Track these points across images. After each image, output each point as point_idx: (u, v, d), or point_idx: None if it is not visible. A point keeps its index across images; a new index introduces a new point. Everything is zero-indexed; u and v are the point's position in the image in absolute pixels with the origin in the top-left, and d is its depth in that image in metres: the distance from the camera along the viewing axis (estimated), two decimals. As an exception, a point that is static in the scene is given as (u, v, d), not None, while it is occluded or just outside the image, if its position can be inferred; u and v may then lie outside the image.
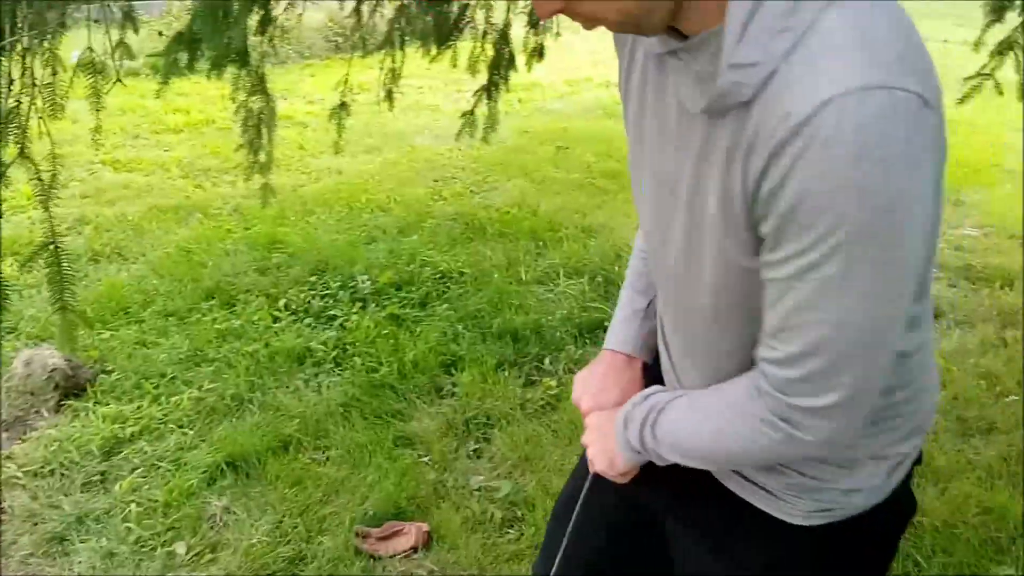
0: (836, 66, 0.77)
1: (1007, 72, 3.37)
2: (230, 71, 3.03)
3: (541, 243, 4.61)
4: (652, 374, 1.26)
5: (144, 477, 2.68)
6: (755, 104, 0.81)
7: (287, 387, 3.19)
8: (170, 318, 3.63)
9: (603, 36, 1.02)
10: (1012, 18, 3.03)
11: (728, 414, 0.99)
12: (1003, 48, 2.96)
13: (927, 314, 1.04)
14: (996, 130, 7.62)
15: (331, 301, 3.85)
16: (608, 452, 1.16)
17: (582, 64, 9.56)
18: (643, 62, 1.00)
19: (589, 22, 0.88)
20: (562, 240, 4.65)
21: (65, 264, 2.15)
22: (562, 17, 0.90)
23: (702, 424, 1.02)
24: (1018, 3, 2.91)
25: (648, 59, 0.98)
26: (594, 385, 1.26)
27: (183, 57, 2.90)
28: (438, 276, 4.13)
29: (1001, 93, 3.17)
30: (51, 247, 2.14)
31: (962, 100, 3.12)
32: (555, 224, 4.86)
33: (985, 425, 3.14)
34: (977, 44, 3.12)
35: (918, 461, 1.14)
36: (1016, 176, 6.29)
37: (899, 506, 1.13)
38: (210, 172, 5.55)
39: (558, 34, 4.67)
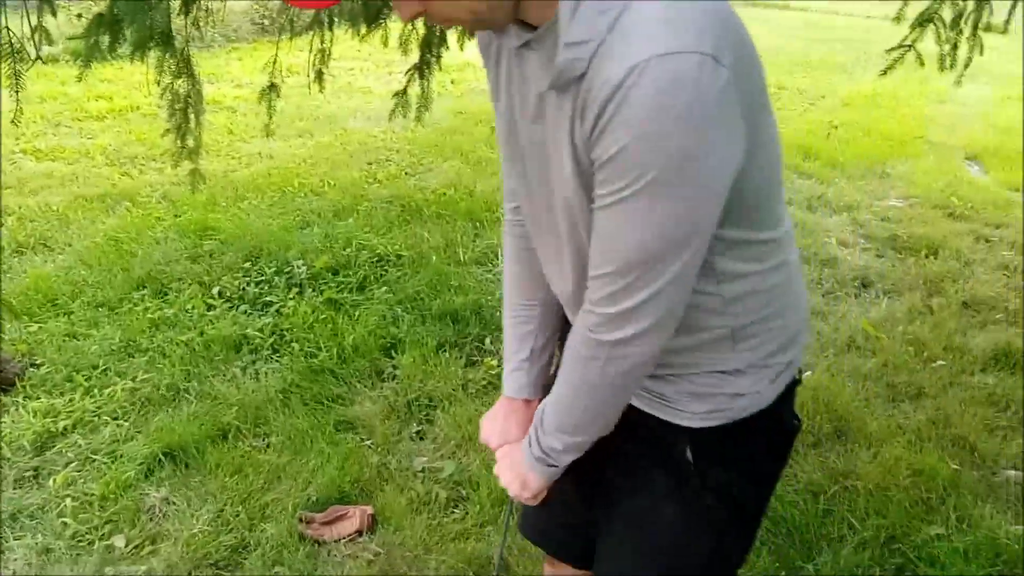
0: (643, 37, 0.92)
1: (928, 44, 3.46)
2: (154, 54, 2.96)
3: (479, 224, 4.60)
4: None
5: (79, 471, 2.61)
6: (586, 75, 0.97)
7: (224, 375, 3.14)
8: (100, 309, 3.54)
9: None
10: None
11: (574, 369, 1.15)
12: (923, 20, 3.03)
13: (781, 244, 1.18)
14: (919, 103, 7.84)
15: (266, 287, 3.80)
16: (519, 476, 1.30)
17: (514, 44, 9.54)
18: (506, 62, 1.15)
19: (446, 23, 1.05)
20: (499, 220, 4.65)
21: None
22: None
23: (564, 395, 1.20)
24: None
25: (510, 57, 1.14)
26: (499, 426, 1.41)
27: (104, 40, 2.82)
28: (375, 259, 4.10)
29: (922, 64, 3.25)
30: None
31: (884, 72, 3.19)
32: (492, 205, 4.86)
33: (914, 390, 3.23)
34: (898, 17, 3.19)
35: (797, 382, 1.29)
36: (939, 148, 6.48)
37: (782, 417, 1.29)
38: (136, 159, 5.41)
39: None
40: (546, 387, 1.37)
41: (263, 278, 3.87)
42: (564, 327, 1.39)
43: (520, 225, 1.38)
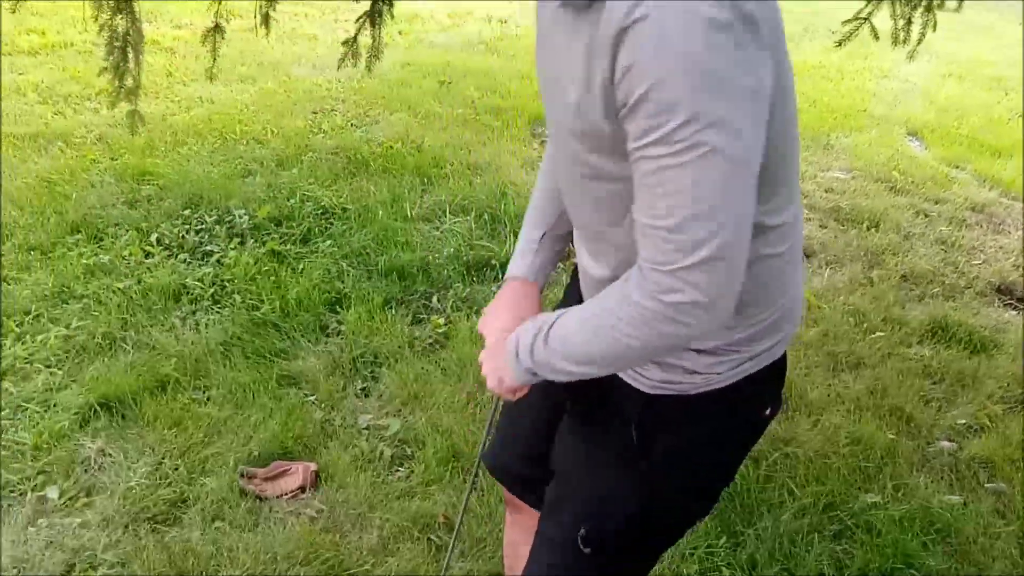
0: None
1: (881, 19, 3.48)
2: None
3: (426, 179, 4.53)
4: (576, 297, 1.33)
5: (10, 419, 2.52)
6: (606, 7, 0.93)
7: (163, 325, 3.05)
8: (32, 252, 3.41)
9: None
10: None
11: (614, 307, 1.05)
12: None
13: (784, 231, 1.15)
14: (863, 77, 7.92)
15: (207, 236, 3.70)
16: (498, 370, 1.25)
17: (463, -2, 9.39)
18: None
19: None
20: (447, 177, 4.59)
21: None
22: None
23: (589, 324, 1.09)
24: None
25: None
26: (493, 312, 1.38)
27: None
28: (320, 212, 4.01)
29: (877, 37, 3.27)
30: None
31: (839, 44, 3.21)
32: (440, 160, 4.79)
33: (854, 360, 3.29)
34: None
35: (773, 371, 1.26)
36: (882, 122, 6.57)
37: (738, 404, 1.24)
38: (71, 98, 5.19)
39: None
40: (547, 274, 1.42)
41: (203, 226, 3.76)
42: None
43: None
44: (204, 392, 2.74)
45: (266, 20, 3.69)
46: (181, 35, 6.76)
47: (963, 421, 2.99)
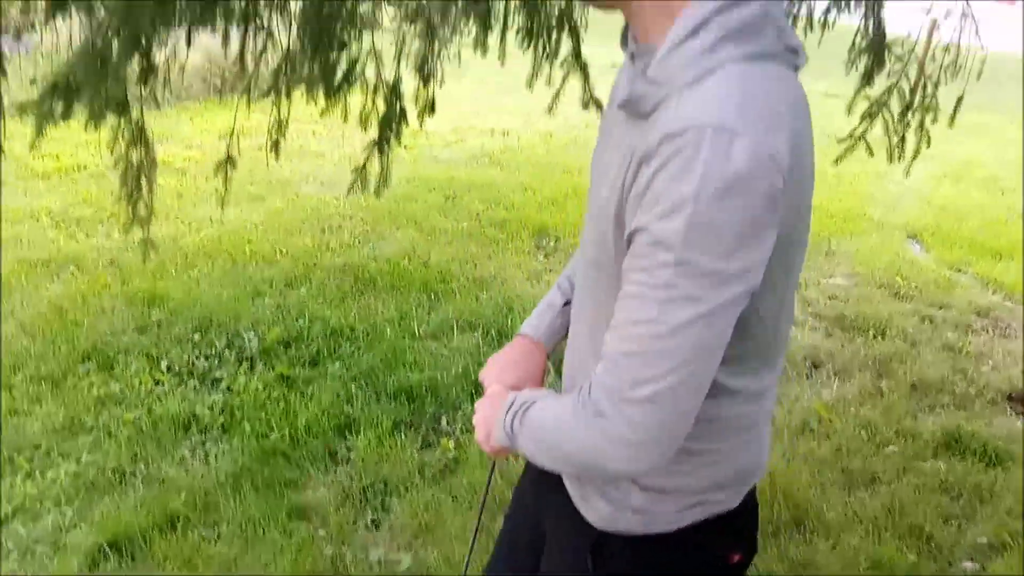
0: (712, 102, 0.90)
1: (877, 131, 3.56)
2: (108, 121, 2.91)
3: (433, 295, 4.58)
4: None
5: (20, 562, 2.49)
6: (652, 118, 0.95)
7: (172, 457, 3.04)
8: (43, 383, 3.42)
9: (484, 84, 1.11)
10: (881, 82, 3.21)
11: (569, 409, 1.05)
12: (872, 112, 3.13)
13: (749, 398, 1.13)
14: (860, 180, 8.04)
15: (216, 361, 3.72)
16: (489, 424, 1.23)
17: (465, 113, 9.62)
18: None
19: None
20: (454, 292, 4.63)
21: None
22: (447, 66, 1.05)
23: (552, 414, 1.10)
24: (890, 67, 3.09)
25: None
26: (500, 364, 1.39)
27: (58, 107, 2.77)
28: (328, 332, 4.04)
29: (871, 154, 3.34)
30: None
31: (836, 161, 3.28)
32: (446, 276, 4.84)
33: (869, 476, 3.26)
34: (849, 108, 3.29)
35: (745, 521, 1.25)
36: (881, 226, 6.65)
37: (693, 543, 1.20)
38: (83, 222, 5.29)
39: (443, 83, 4.66)
40: (557, 340, 1.42)
41: (213, 351, 3.79)
42: None
43: None
44: (214, 528, 2.71)
45: (276, 146, 3.78)
46: (192, 155, 6.92)
47: (984, 540, 2.94)
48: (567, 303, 1.42)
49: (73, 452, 3.01)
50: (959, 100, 3.36)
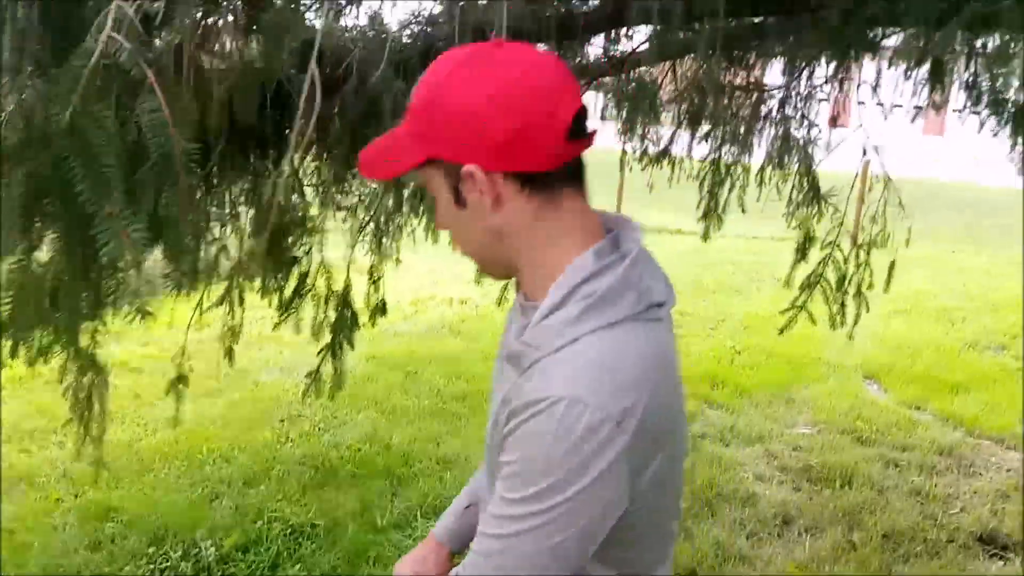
0: (570, 373, 1.04)
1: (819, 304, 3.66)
2: (57, 358, 2.91)
3: (395, 481, 4.52)
4: None
5: None
6: (526, 374, 1.09)
7: None
8: (-12, 618, 3.29)
9: (442, 255, 1.24)
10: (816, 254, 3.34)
11: None
12: (810, 283, 3.23)
13: None
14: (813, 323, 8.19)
15: (172, 575, 3.60)
16: None
17: (423, 283, 9.76)
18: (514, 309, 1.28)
19: (460, 251, 1.21)
20: (417, 476, 4.58)
21: None
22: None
23: None
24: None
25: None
26: (409, 562, 1.57)
27: (6, 346, 2.77)
28: (288, 532, 3.95)
29: (814, 322, 3.43)
30: None
31: (781, 331, 3.36)
32: (409, 458, 4.80)
33: (849, 644, 3.18)
34: (787, 281, 3.40)
35: None
36: (837, 369, 6.74)
37: None
38: (36, 433, 5.20)
39: (398, 260, 4.74)
40: (463, 543, 1.55)
41: (168, 564, 3.67)
42: None
43: None
44: None
45: (230, 353, 3.81)
46: (149, 352, 6.90)
47: None
48: (469, 506, 1.55)
49: None
50: (891, 267, 3.48)
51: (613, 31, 3.55)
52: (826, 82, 3.87)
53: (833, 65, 3.59)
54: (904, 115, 3.90)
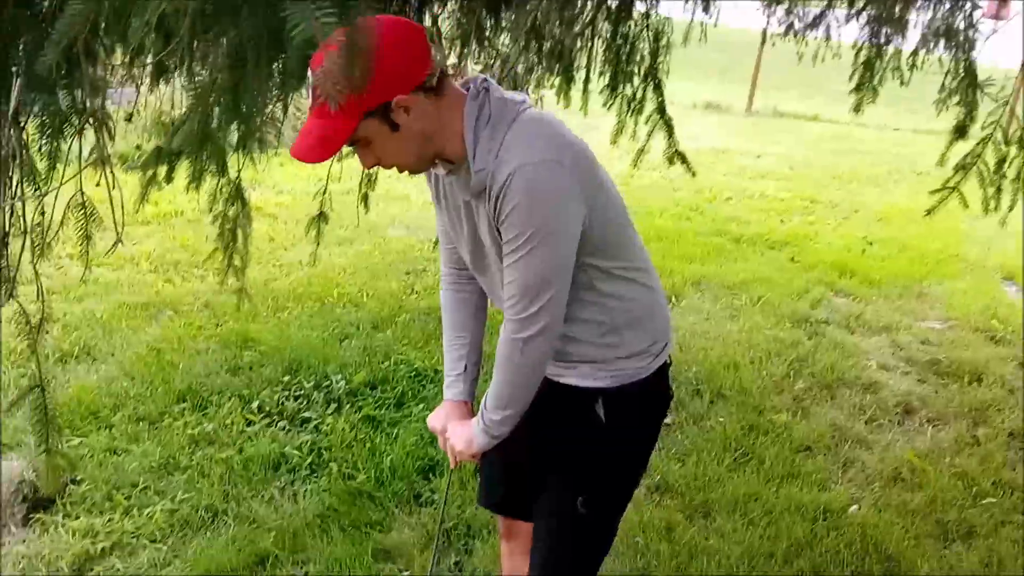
0: (514, 154, 1.55)
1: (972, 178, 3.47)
2: (208, 181, 3.03)
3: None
4: None
5: (116, 598, 2.59)
6: (489, 186, 1.57)
7: (262, 496, 3.12)
8: (141, 423, 3.56)
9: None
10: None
11: (501, 362, 1.70)
12: (967, 163, 3.06)
13: (639, 274, 1.80)
14: (953, 219, 7.82)
15: (305, 402, 3.81)
16: (466, 438, 1.82)
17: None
18: (440, 182, 1.79)
19: (394, 167, 1.65)
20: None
21: (51, 407, 2.11)
22: None
23: (497, 381, 1.73)
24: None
25: (440, 179, 1.78)
26: (441, 419, 1.95)
27: (162, 171, 2.90)
28: (413, 374, 4.10)
29: (966, 206, 3.27)
30: (37, 390, 2.11)
31: (929, 212, 3.22)
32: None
33: (964, 529, 3.15)
34: (941, 161, 3.23)
35: (668, 365, 1.90)
36: (975, 267, 6.46)
37: (660, 385, 1.88)
38: (180, 266, 5.50)
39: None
40: (473, 394, 1.96)
41: (302, 392, 3.88)
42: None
43: (454, 282, 1.98)
44: (302, 567, 2.77)
45: (365, 199, 3.91)
46: (283, 201, 7.15)
47: (1090, 598, 2.81)
48: (465, 367, 1.97)
49: (168, 490, 3.11)
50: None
51: None
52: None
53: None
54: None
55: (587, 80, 4.11)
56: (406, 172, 1.66)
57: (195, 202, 6.45)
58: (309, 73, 1.45)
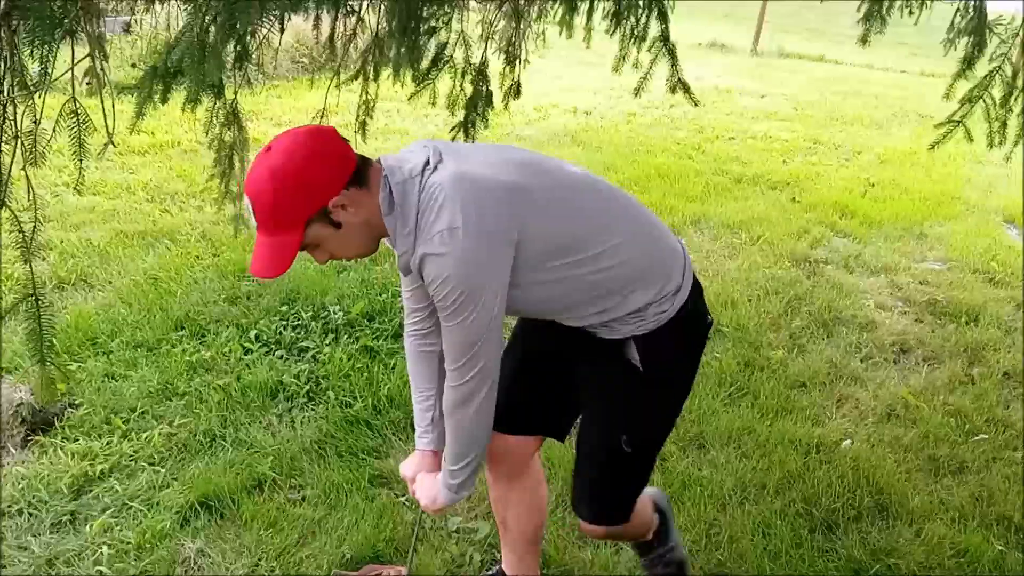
0: (422, 239, 1.60)
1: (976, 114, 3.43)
2: (204, 102, 2.99)
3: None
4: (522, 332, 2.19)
5: (115, 517, 2.61)
6: (414, 263, 1.64)
7: (260, 422, 3.14)
8: (139, 349, 3.56)
9: (567, 63, 1.31)
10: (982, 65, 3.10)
11: (447, 416, 1.80)
12: (972, 97, 3.02)
13: (619, 247, 1.75)
14: (955, 162, 7.79)
15: (303, 332, 3.81)
16: (431, 494, 1.94)
17: (550, 90, 9.61)
18: None
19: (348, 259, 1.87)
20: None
21: (45, 317, 2.10)
22: (530, 47, 2.38)
23: (449, 438, 1.83)
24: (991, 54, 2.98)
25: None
26: (414, 467, 2.07)
27: (158, 90, 2.85)
28: (411, 307, 4.10)
29: (971, 140, 3.24)
30: (31, 299, 2.10)
31: (933, 146, 3.19)
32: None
33: (956, 464, 3.18)
34: (947, 94, 3.18)
35: (700, 291, 1.95)
36: (976, 210, 6.43)
37: (687, 320, 1.88)
38: (177, 196, 5.47)
39: (527, 62, 4.66)
40: (444, 443, 1.93)
41: (300, 322, 3.88)
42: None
43: (416, 333, 2.01)
44: (299, 491, 2.79)
45: (363, 127, 3.85)
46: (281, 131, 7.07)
47: (1077, 532, 2.84)
48: (432, 419, 2.03)
49: (167, 415, 3.13)
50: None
51: None
52: None
53: None
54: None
55: (591, 10, 4.03)
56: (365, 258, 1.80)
57: (192, 132, 6.43)
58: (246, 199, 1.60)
